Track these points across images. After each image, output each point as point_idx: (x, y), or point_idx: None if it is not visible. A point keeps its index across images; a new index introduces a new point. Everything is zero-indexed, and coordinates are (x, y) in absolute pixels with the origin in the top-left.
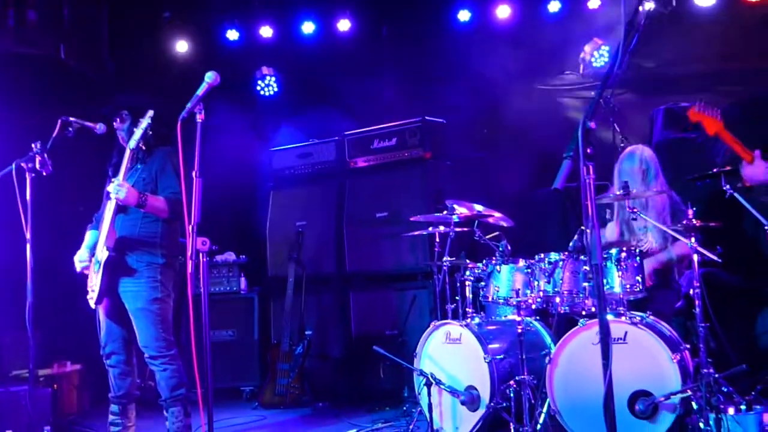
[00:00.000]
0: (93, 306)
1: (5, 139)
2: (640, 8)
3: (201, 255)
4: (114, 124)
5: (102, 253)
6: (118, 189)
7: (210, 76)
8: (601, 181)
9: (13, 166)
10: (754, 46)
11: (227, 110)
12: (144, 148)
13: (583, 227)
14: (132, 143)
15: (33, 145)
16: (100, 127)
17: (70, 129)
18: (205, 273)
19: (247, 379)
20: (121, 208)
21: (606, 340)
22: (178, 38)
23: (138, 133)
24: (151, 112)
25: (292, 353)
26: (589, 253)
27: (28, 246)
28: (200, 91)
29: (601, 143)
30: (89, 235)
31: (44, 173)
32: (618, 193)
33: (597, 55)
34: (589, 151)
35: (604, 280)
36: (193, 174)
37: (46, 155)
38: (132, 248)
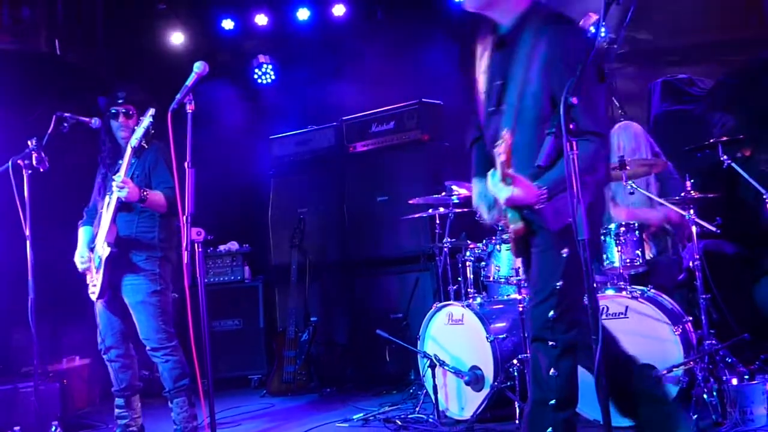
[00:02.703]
0: (94, 300)
1: (3, 137)
2: None
3: (196, 245)
4: (119, 119)
5: (103, 249)
6: (121, 186)
7: (198, 66)
8: None
9: (10, 163)
10: (752, 15)
11: (225, 99)
12: (145, 146)
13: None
14: (133, 141)
15: (29, 142)
16: (94, 122)
17: (65, 124)
18: (200, 263)
19: (254, 368)
20: (123, 205)
21: (596, 314)
22: (174, 29)
23: (140, 131)
24: (152, 111)
25: (297, 340)
26: (576, 229)
27: (27, 243)
28: (189, 82)
29: None
30: (83, 232)
31: (41, 169)
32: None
33: (593, 29)
34: (571, 126)
35: (605, 256)
36: (185, 165)
37: (42, 152)
38: (130, 243)
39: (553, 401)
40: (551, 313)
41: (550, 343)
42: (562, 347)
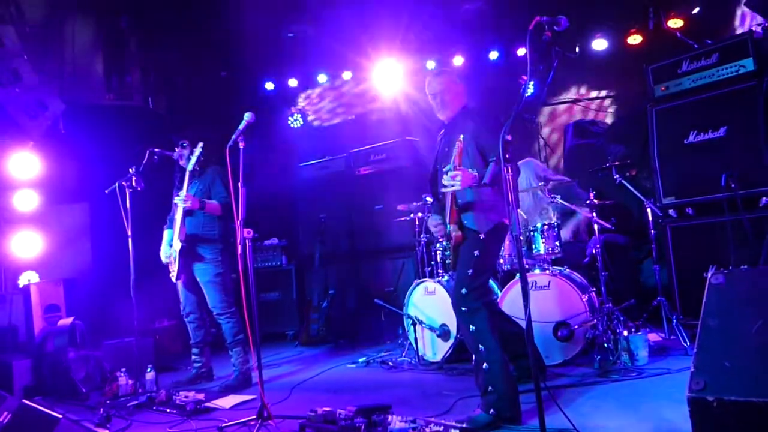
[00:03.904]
0: (174, 281)
1: (113, 165)
2: (549, 53)
3: (246, 241)
4: (181, 151)
5: (177, 244)
6: (183, 199)
7: (247, 116)
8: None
9: (117, 184)
10: (634, 76)
11: (268, 138)
12: (198, 168)
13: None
14: (189, 166)
15: (130, 169)
16: (176, 155)
17: (155, 157)
18: (250, 254)
19: (289, 326)
20: (187, 212)
21: (525, 287)
22: (232, 89)
23: (193, 159)
24: (201, 144)
25: (320, 306)
26: (512, 228)
27: (129, 240)
28: (241, 126)
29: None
30: (166, 234)
31: (138, 189)
32: (537, 184)
33: (530, 88)
34: (507, 156)
35: (533, 245)
36: (239, 185)
37: (139, 176)
38: (199, 240)
39: (481, 347)
40: (464, 290)
41: (463, 308)
42: (471, 311)
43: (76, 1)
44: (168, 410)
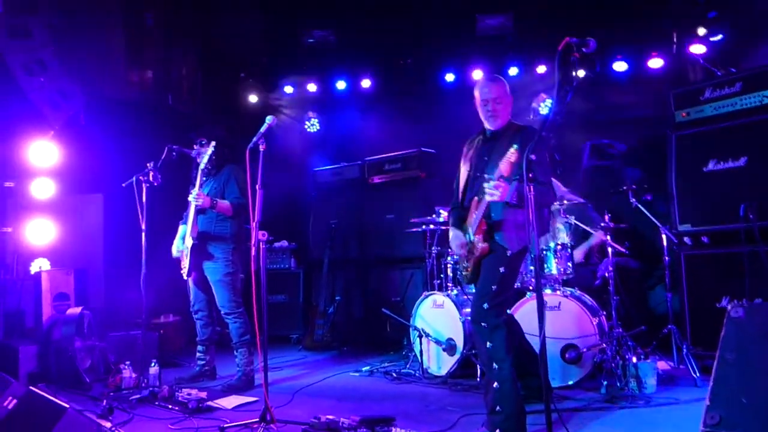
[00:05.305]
0: (185, 277)
1: (132, 159)
2: (573, 73)
3: (260, 243)
4: (195, 147)
5: (189, 241)
6: (195, 197)
7: (269, 119)
8: None
9: (134, 179)
10: (653, 100)
11: (284, 142)
12: (210, 167)
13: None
14: (202, 165)
15: (147, 164)
16: (194, 152)
17: (174, 153)
18: (263, 255)
19: (294, 329)
20: (200, 210)
21: (541, 309)
22: (250, 91)
23: (205, 157)
24: (213, 143)
25: (326, 312)
26: (531, 248)
27: (143, 234)
28: (263, 129)
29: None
30: (180, 229)
31: (155, 184)
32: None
33: (543, 105)
34: (530, 175)
35: (545, 265)
36: (257, 187)
37: (156, 171)
38: (211, 238)
39: (495, 365)
40: (485, 305)
41: (483, 324)
42: (491, 328)
43: None
44: (170, 406)
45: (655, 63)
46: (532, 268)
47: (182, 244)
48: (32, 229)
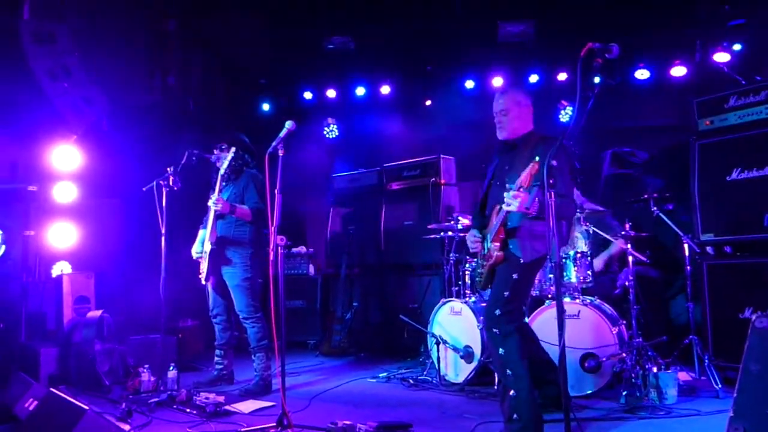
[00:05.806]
0: (203, 282)
1: (152, 164)
2: (595, 80)
3: (279, 248)
4: (215, 152)
5: (207, 246)
6: (215, 203)
7: (288, 124)
8: None
9: (154, 183)
10: (675, 108)
11: (303, 148)
12: (230, 172)
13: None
14: (222, 170)
15: (167, 169)
16: (214, 157)
17: (194, 158)
18: (281, 261)
19: (311, 335)
20: (219, 215)
21: (561, 318)
22: (270, 97)
23: (225, 163)
24: (233, 149)
25: (343, 318)
26: (551, 256)
27: (163, 239)
28: (282, 134)
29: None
30: (200, 233)
31: (175, 188)
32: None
33: (563, 113)
34: (551, 181)
35: (564, 273)
36: (276, 191)
37: (176, 176)
38: (230, 243)
39: (509, 372)
40: (497, 311)
41: (495, 330)
42: (503, 335)
43: (125, 2)
44: (188, 410)
45: (678, 71)
46: (551, 275)
47: (201, 247)
48: (54, 233)
